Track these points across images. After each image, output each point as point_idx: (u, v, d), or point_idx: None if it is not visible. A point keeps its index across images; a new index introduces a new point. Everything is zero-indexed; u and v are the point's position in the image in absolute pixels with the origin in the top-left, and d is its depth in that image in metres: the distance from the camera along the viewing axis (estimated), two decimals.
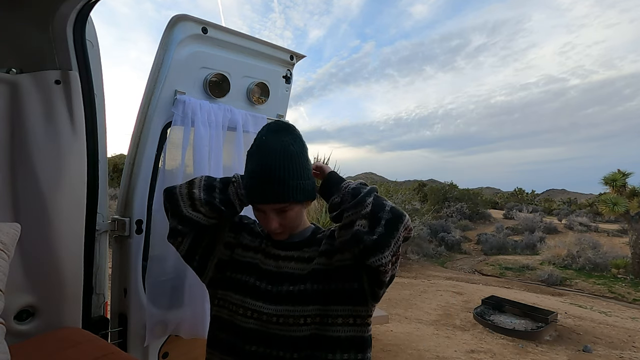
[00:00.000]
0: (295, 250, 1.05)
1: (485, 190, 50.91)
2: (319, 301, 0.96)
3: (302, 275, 1.00)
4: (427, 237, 14.93)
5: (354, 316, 0.97)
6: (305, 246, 1.05)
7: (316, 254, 1.03)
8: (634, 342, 4.65)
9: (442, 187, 23.62)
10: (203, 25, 1.55)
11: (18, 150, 1.21)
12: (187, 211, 1.06)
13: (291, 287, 0.98)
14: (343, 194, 0.98)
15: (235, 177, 1.11)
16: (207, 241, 1.12)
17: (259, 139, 1.04)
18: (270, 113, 1.93)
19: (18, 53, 1.20)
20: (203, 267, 1.13)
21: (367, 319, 0.99)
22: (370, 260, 0.87)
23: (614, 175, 11.83)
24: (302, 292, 0.96)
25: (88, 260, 1.38)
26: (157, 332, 1.55)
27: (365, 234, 0.87)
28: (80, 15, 1.22)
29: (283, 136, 1.02)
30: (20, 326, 1.23)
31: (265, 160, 0.98)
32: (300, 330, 0.94)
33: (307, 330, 0.95)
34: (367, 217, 0.89)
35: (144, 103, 1.53)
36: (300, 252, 1.04)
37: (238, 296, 1.02)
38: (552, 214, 25.02)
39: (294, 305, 0.95)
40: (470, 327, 4.91)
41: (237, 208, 1.10)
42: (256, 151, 1.02)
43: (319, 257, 1.01)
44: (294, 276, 1.00)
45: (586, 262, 11.46)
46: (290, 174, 0.98)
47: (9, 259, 1.04)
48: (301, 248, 1.05)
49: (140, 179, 1.52)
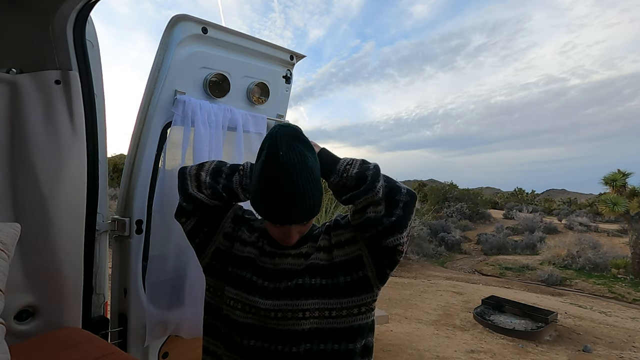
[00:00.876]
0: (291, 247, 1.05)
1: (485, 190, 50.90)
2: (318, 295, 0.95)
3: (299, 270, 1.00)
4: (427, 237, 14.93)
5: (358, 305, 0.97)
6: (302, 243, 1.05)
7: (313, 249, 1.02)
8: (634, 342, 4.65)
9: (442, 187, 23.62)
10: (203, 25, 1.55)
11: (18, 150, 1.21)
12: (193, 190, 1.10)
13: (289, 282, 0.98)
14: (346, 178, 0.97)
15: (243, 166, 1.12)
16: (209, 226, 1.12)
17: (270, 148, 0.90)
18: (270, 113, 1.93)
19: (18, 53, 1.20)
20: (202, 251, 1.14)
21: (372, 304, 1.01)
22: (388, 240, 0.91)
23: (614, 175, 11.83)
24: (300, 286, 0.96)
25: (88, 260, 1.38)
26: (157, 332, 1.55)
27: (383, 217, 0.91)
28: (80, 15, 1.22)
29: (296, 145, 0.91)
30: (20, 326, 1.23)
31: (285, 179, 0.88)
32: (300, 324, 0.94)
33: (307, 324, 0.94)
34: (383, 201, 0.92)
35: (144, 103, 1.53)
36: (296, 249, 1.04)
37: (236, 291, 1.02)
38: (552, 214, 25.02)
39: (291, 299, 0.95)
40: (470, 327, 4.91)
41: (240, 197, 1.11)
42: (271, 165, 0.89)
43: (317, 252, 1.01)
44: (291, 272, 1.00)
45: (586, 262, 11.46)
46: (312, 189, 0.91)
47: (9, 259, 1.04)
48: (298, 245, 1.05)
49: (140, 179, 1.52)
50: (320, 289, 0.96)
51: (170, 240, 1.52)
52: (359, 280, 0.97)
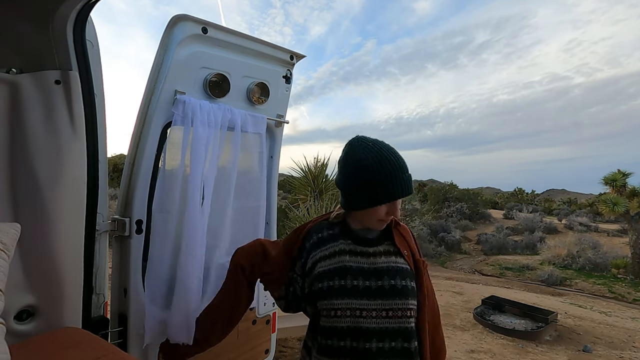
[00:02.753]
0: (376, 245, 1.10)
1: (485, 190, 50.85)
2: (401, 295, 1.04)
3: (400, 269, 1.07)
4: (427, 237, 14.93)
5: (414, 309, 1.06)
6: (384, 240, 1.11)
7: (396, 249, 1.10)
8: (634, 342, 4.64)
9: (442, 187, 23.61)
10: (203, 25, 1.55)
11: (18, 150, 1.20)
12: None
13: (391, 281, 1.04)
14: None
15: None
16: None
17: (357, 148, 1.04)
18: (270, 113, 1.93)
19: (18, 53, 1.20)
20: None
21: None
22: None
23: (614, 175, 11.83)
24: (405, 286, 1.04)
25: (88, 260, 1.38)
26: (157, 332, 1.55)
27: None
28: (80, 15, 1.22)
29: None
30: (20, 326, 1.23)
31: (393, 159, 1.01)
32: (409, 322, 1.03)
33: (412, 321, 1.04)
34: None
35: (144, 103, 1.52)
36: (383, 246, 1.10)
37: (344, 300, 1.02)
38: (552, 214, 25.01)
39: (402, 299, 1.02)
40: (470, 327, 4.91)
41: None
42: (369, 153, 1.01)
43: (397, 257, 1.10)
44: (394, 270, 1.06)
45: (586, 262, 11.46)
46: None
47: (9, 259, 1.04)
48: (381, 242, 1.11)
49: (140, 179, 1.52)
50: (413, 289, 1.06)
51: (170, 241, 1.52)
52: (412, 287, 1.07)
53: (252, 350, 1.98)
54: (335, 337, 1.01)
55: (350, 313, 1.00)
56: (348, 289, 1.01)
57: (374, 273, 1.05)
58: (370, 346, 0.98)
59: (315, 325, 1.10)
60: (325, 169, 7.37)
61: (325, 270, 1.06)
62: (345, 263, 1.05)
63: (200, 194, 1.53)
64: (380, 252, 1.09)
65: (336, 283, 1.02)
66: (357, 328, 0.99)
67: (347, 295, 1.01)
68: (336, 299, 1.01)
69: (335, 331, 1.01)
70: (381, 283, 1.03)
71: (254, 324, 1.98)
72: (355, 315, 1.00)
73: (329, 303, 1.02)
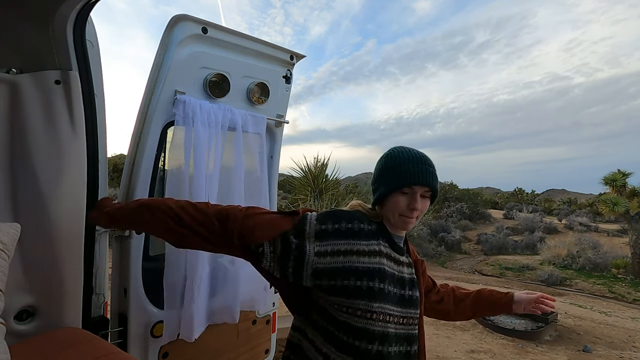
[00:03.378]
0: (403, 255, 1.14)
1: (485, 190, 50.84)
2: (419, 304, 1.11)
3: (415, 281, 1.12)
4: (427, 237, 14.93)
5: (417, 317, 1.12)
6: (406, 252, 1.16)
7: (411, 261, 1.16)
8: (634, 342, 4.65)
9: (442, 187, 23.63)
10: (203, 25, 1.55)
11: (18, 150, 1.21)
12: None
13: (410, 291, 1.09)
14: None
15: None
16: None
17: (391, 152, 1.12)
18: (270, 113, 1.93)
19: (18, 53, 1.20)
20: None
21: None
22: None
23: (614, 175, 11.83)
24: (418, 297, 1.11)
25: (88, 260, 1.38)
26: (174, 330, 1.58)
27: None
28: (80, 15, 1.22)
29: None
30: (20, 326, 1.23)
31: (416, 152, 1.10)
32: (415, 329, 1.09)
33: (417, 328, 1.11)
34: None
35: (144, 103, 1.53)
36: (405, 257, 1.14)
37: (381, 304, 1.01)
38: (552, 214, 25.01)
39: (415, 309, 1.09)
40: (470, 327, 4.91)
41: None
42: (400, 151, 1.10)
43: (412, 268, 1.15)
44: (412, 281, 1.11)
45: (586, 262, 11.46)
46: (435, 168, 1.11)
47: (9, 259, 1.04)
48: (404, 253, 1.15)
49: (140, 179, 1.52)
50: (415, 300, 1.11)
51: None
52: (418, 297, 1.12)
53: (252, 350, 1.98)
54: (365, 339, 1.00)
55: (382, 317, 1.01)
56: (385, 294, 1.02)
57: (399, 281, 1.07)
58: (390, 350, 1.03)
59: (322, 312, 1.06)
60: (325, 169, 7.38)
61: (365, 269, 1.01)
62: (384, 266, 1.04)
63: (205, 194, 1.53)
64: (405, 262, 1.13)
65: (376, 285, 1.01)
66: (385, 333, 1.01)
67: (384, 300, 1.02)
68: (375, 301, 1.00)
69: (365, 332, 1.00)
70: (403, 292, 1.07)
71: (254, 324, 1.98)
72: (386, 320, 1.02)
73: (366, 304, 0.99)
